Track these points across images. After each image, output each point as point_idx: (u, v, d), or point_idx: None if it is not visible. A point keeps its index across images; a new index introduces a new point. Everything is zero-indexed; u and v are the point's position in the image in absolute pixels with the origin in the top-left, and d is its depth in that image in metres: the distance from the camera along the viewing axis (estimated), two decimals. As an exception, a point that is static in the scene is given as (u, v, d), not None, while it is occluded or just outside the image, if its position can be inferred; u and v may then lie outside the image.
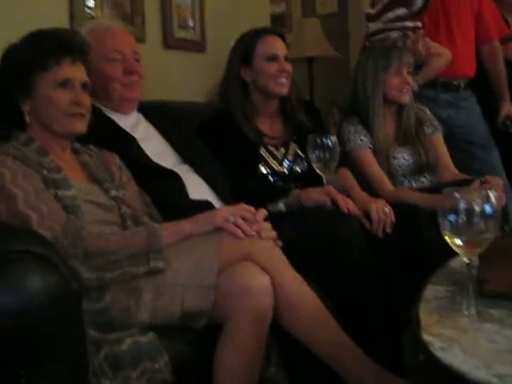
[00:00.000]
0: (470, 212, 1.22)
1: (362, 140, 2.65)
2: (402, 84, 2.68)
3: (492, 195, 1.24)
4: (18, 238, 1.26)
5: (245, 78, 2.49)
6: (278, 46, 2.49)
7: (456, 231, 1.24)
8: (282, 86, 2.47)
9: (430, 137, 2.79)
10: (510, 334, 1.18)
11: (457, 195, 1.23)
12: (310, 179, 2.33)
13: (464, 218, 1.23)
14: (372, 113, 2.67)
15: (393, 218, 2.17)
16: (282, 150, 2.49)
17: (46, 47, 1.76)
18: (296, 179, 2.44)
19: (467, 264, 1.28)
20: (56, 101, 1.75)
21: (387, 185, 2.59)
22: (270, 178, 2.41)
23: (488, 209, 1.22)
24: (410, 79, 2.69)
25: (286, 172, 2.45)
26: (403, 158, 2.69)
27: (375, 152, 2.66)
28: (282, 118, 2.58)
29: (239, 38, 2.57)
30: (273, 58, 2.46)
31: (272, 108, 2.55)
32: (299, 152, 2.49)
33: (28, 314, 1.18)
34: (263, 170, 2.41)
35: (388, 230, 2.16)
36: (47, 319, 1.21)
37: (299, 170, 2.47)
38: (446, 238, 1.26)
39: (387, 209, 2.19)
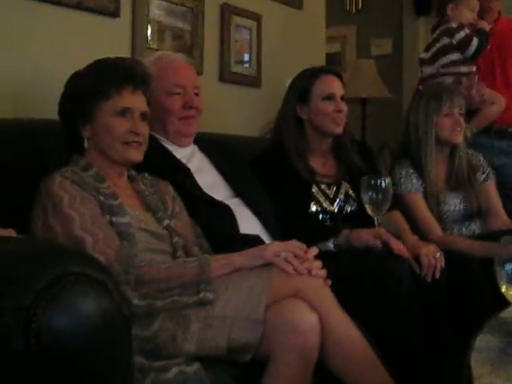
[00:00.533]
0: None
1: (413, 184, 2.65)
2: (454, 125, 2.67)
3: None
4: (74, 260, 1.27)
5: (300, 116, 2.52)
6: (335, 86, 2.52)
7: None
8: (338, 125, 2.49)
9: (482, 184, 2.77)
10: None
11: (515, 243, 1.22)
12: (359, 220, 2.33)
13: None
14: (424, 155, 2.67)
15: (443, 263, 2.14)
16: (334, 188, 2.49)
17: (109, 75, 1.81)
18: (346, 219, 2.45)
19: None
20: (114, 129, 1.79)
21: (437, 230, 2.57)
22: (320, 216, 2.41)
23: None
24: (461, 120, 2.68)
25: (337, 211, 2.45)
26: (454, 203, 2.68)
27: (426, 196, 2.64)
28: (334, 157, 2.60)
29: (297, 75, 2.60)
30: (330, 97, 2.48)
31: (325, 147, 2.56)
32: (350, 192, 2.49)
33: (81, 336, 1.19)
34: (314, 208, 2.42)
35: (437, 275, 2.13)
36: (99, 342, 1.22)
37: (349, 210, 2.47)
38: (503, 287, 1.24)
39: (438, 254, 2.16)
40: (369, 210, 2.18)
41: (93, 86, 1.79)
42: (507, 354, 1.31)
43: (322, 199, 2.44)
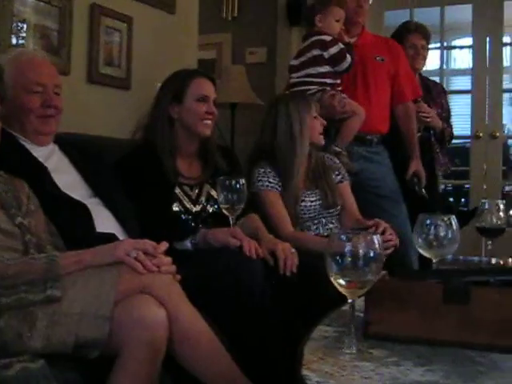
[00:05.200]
0: (354, 254, 1.30)
1: (269, 182, 2.75)
2: (321, 126, 2.84)
3: (376, 239, 1.31)
4: None
5: (172, 115, 2.55)
6: (209, 89, 2.58)
7: (341, 272, 1.31)
8: (207, 127, 2.55)
9: (337, 184, 2.91)
10: (384, 371, 1.24)
11: (343, 238, 1.30)
12: (221, 220, 2.38)
13: (349, 259, 1.30)
14: (294, 155, 2.76)
15: (297, 260, 2.24)
16: (197, 190, 2.54)
17: None
18: (208, 220, 2.50)
19: (351, 304, 1.35)
20: None
21: (288, 226, 2.68)
22: (182, 216, 2.45)
23: (371, 252, 1.30)
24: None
25: (199, 212, 2.50)
26: (311, 200, 2.79)
27: (283, 194, 2.75)
28: (200, 159, 2.64)
29: (172, 75, 2.64)
30: (203, 98, 2.54)
31: (193, 148, 2.61)
32: (213, 194, 2.54)
33: None
34: (176, 208, 2.45)
35: (294, 269, 2.23)
36: None
37: (211, 211, 2.52)
38: (332, 278, 1.32)
39: (293, 250, 2.26)
40: (224, 209, 2.25)
41: None
42: (341, 342, 1.39)
43: (184, 200, 2.48)
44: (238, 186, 2.22)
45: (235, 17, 5.23)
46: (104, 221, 2.08)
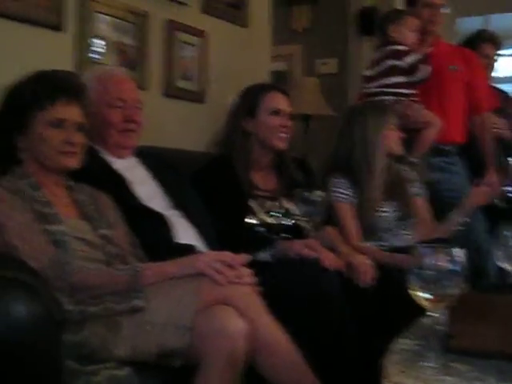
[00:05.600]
0: (435, 268, 1.29)
1: (342, 193, 2.73)
2: (399, 138, 2.81)
3: (457, 253, 1.30)
4: (7, 265, 1.31)
5: (247, 129, 2.58)
6: (283, 102, 2.61)
7: (421, 286, 1.30)
8: (282, 140, 2.57)
9: (413, 197, 2.89)
10: (467, 387, 1.23)
11: (424, 251, 1.30)
12: (297, 232, 2.40)
13: (429, 273, 1.29)
14: (369, 167, 2.74)
15: (373, 272, 2.23)
16: (272, 203, 2.56)
17: (42, 87, 1.85)
18: (283, 231, 2.50)
19: (433, 318, 1.34)
20: (49, 139, 1.83)
21: (353, 239, 2.65)
22: (258, 229, 2.47)
23: (452, 266, 1.29)
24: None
25: (274, 224, 2.51)
26: (387, 212, 2.77)
27: (359, 205, 2.74)
28: (276, 171, 2.67)
29: (246, 89, 2.68)
30: (277, 112, 2.57)
31: (268, 161, 2.64)
32: (288, 206, 2.56)
33: (10, 339, 1.23)
34: (251, 220, 2.47)
35: (370, 281, 2.23)
36: (28, 345, 1.26)
37: (286, 223, 2.52)
38: (412, 292, 1.32)
39: (370, 262, 2.26)
40: (302, 221, 2.26)
41: (27, 97, 1.83)
42: (420, 356, 1.38)
43: (260, 212, 2.50)
44: (315, 198, 2.23)
45: (306, 28, 5.26)
46: (183, 232, 2.13)
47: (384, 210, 2.77)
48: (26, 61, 2.31)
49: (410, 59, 3.20)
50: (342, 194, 2.74)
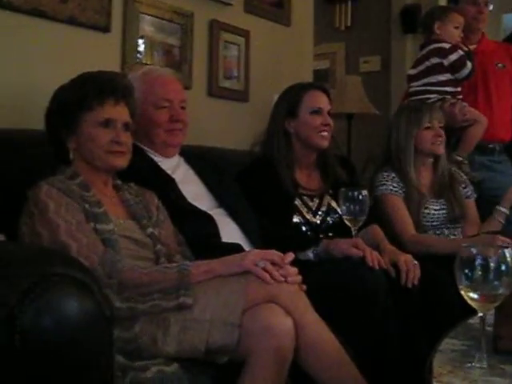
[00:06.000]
0: (485, 267, 1.28)
1: (393, 186, 2.76)
2: (434, 137, 2.79)
3: (508, 253, 1.29)
4: (59, 261, 1.34)
5: (288, 129, 2.60)
6: (322, 101, 2.60)
7: (471, 285, 1.29)
8: (324, 138, 2.57)
9: (464, 198, 2.89)
10: (517, 388, 1.22)
11: (473, 251, 1.29)
12: (341, 231, 2.40)
13: (479, 273, 1.28)
14: (404, 165, 2.78)
15: (419, 272, 2.22)
16: (317, 201, 2.56)
17: (91, 88, 1.88)
18: (328, 230, 2.52)
19: (481, 318, 1.33)
20: (97, 139, 1.87)
21: (411, 229, 2.68)
22: (303, 227, 2.48)
23: (503, 266, 1.28)
24: (442, 132, 2.80)
25: (319, 223, 2.52)
26: (435, 209, 2.78)
27: (406, 201, 2.75)
28: (319, 170, 2.67)
29: (286, 90, 2.69)
30: (317, 111, 2.57)
31: (311, 160, 2.64)
32: (333, 205, 2.56)
33: (63, 334, 1.25)
34: (296, 219, 2.48)
35: (415, 281, 2.21)
36: (80, 340, 1.29)
37: (331, 222, 2.54)
38: (462, 291, 1.31)
39: (415, 262, 2.25)
40: (347, 220, 2.26)
41: (76, 98, 1.87)
42: (468, 356, 1.37)
43: (304, 211, 2.51)
44: (360, 197, 2.22)
45: (348, 26, 5.25)
46: (229, 231, 2.15)
47: (430, 208, 2.76)
48: (76, 62, 2.36)
49: (454, 57, 3.18)
50: (393, 187, 2.76)
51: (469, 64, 3.17)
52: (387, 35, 5.00)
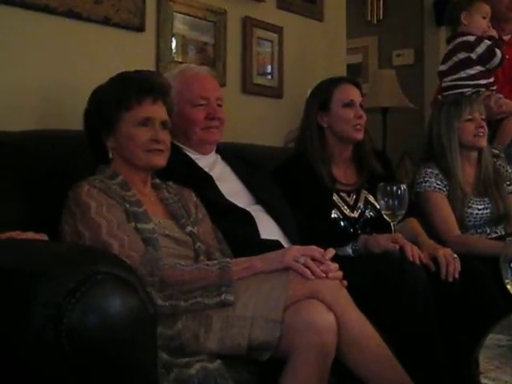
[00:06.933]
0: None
1: (437, 183, 2.72)
2: (476, 129, 2.74)
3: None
4: (103, 261, 1.35)
5: (322, 124, 2.59)
6: (354, 93, 2.59)
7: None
8: (358, 131, 2.56)
9: (508, 194, 2.83)
10: None
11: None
12: (379, 226, 2.39)
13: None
14: (450, 160, 2.73)
15: (459, 265, 2.20)
16: (354, 196, 2.56)
17: (129, 88, 1.90)
18: (365, 225, 2.51)
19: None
20: (136, 138, 1.88)
21: (455, 229, 2.64)
22: (341, 222, 2.48)
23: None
24: (484, 123, 2.75)
25: (357, 218, 2.51)
26: (479, 208, 2.73)
27: (450, 198, 2.71)
28: (355, 164, 2.66)
29: (317, 85, 2.69)
30: (349, 104, 2.56)
31: (347, 154, 2.63)
32: (370, 199, 2.55)
33: (108, 332, 1.26)
34: (334, 215, 2.48)
35: (456, 274, 2.19)
36: (125, 338, 1.29)
37: (369, 217, 2.53)
38: (508, 286, 1.29)
39: (454, 255, 2.22)
40: (385, 215, 2.24)
41: (114, 98, 1.88)
42: (515, 352, 1.36)
43: (342, 206, 2.50)
44: (399, 191, 2.20)
45: (380, 19, 5.22)
46: (267, 227, 2.14)
47: (474, 207, 2.72)
48: (111, 62, 2.39)
49: (481, 49, 3.13)
50: (436, 184, 2.73)
51: (498, 52, 3.12)
52: (420, 27, 4.96)
